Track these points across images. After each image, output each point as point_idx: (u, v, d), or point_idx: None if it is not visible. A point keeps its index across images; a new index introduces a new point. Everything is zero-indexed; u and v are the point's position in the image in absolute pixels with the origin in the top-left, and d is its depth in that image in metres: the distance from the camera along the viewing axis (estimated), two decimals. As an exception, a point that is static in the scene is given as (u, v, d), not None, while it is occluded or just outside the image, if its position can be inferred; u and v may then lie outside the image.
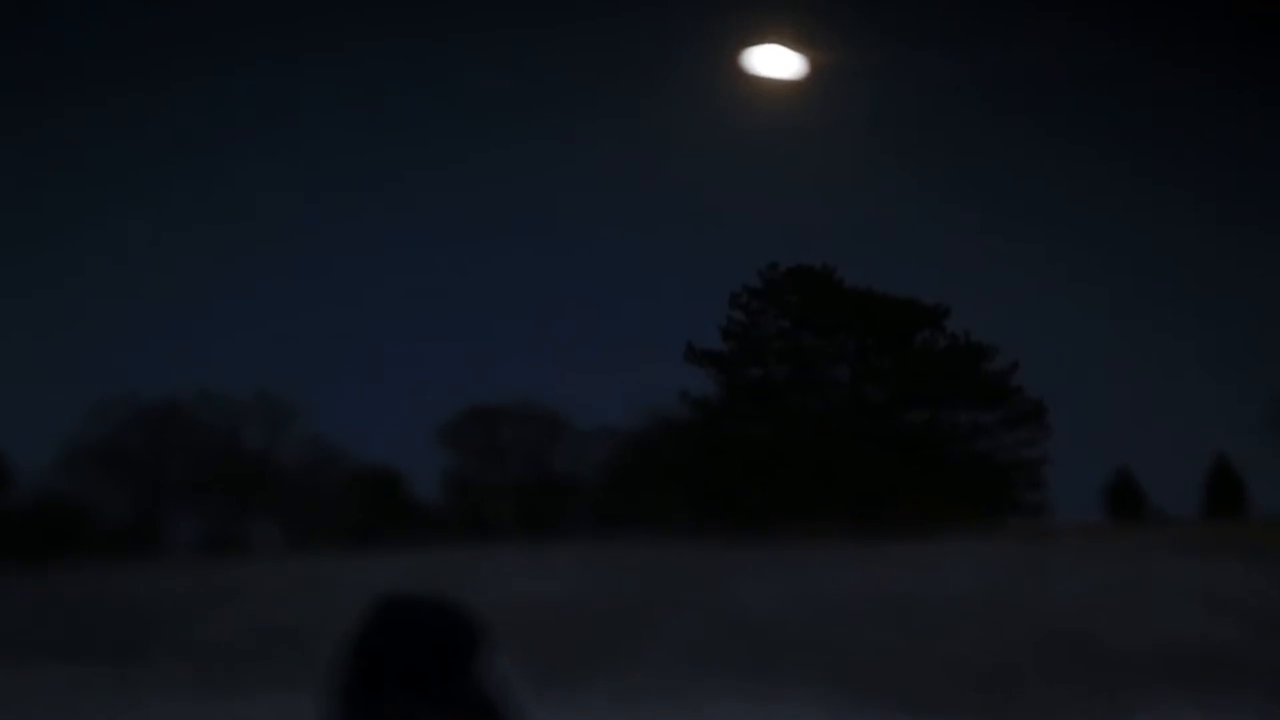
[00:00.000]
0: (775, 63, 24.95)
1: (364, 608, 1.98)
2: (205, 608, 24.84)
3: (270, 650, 21.90)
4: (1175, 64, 37.31)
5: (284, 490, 34.21)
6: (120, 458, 33.06)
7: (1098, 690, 18.57)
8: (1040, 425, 34.49)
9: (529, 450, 35.99)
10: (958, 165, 44.40)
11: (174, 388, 34.79)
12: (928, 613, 21.51)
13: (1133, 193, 42.29)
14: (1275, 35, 30.57)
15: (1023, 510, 34.70)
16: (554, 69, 45.24)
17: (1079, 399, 40.69)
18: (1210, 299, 40.82)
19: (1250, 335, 38.82)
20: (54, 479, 33.32)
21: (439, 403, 37.90)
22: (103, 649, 22.61)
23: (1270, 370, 35.74)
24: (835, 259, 36.11)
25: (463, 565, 23.87)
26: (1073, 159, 45.05)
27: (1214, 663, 18.84)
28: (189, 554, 31.66)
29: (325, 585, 23.47)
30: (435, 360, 46.23)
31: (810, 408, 34.82)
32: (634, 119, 41.50)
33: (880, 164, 40.51)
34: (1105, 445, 37.85)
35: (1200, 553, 23.88)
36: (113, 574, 27.28)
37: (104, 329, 43.54)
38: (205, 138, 48.55)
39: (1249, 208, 39.75)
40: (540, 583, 24.09)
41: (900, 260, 45.34)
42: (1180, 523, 30.92)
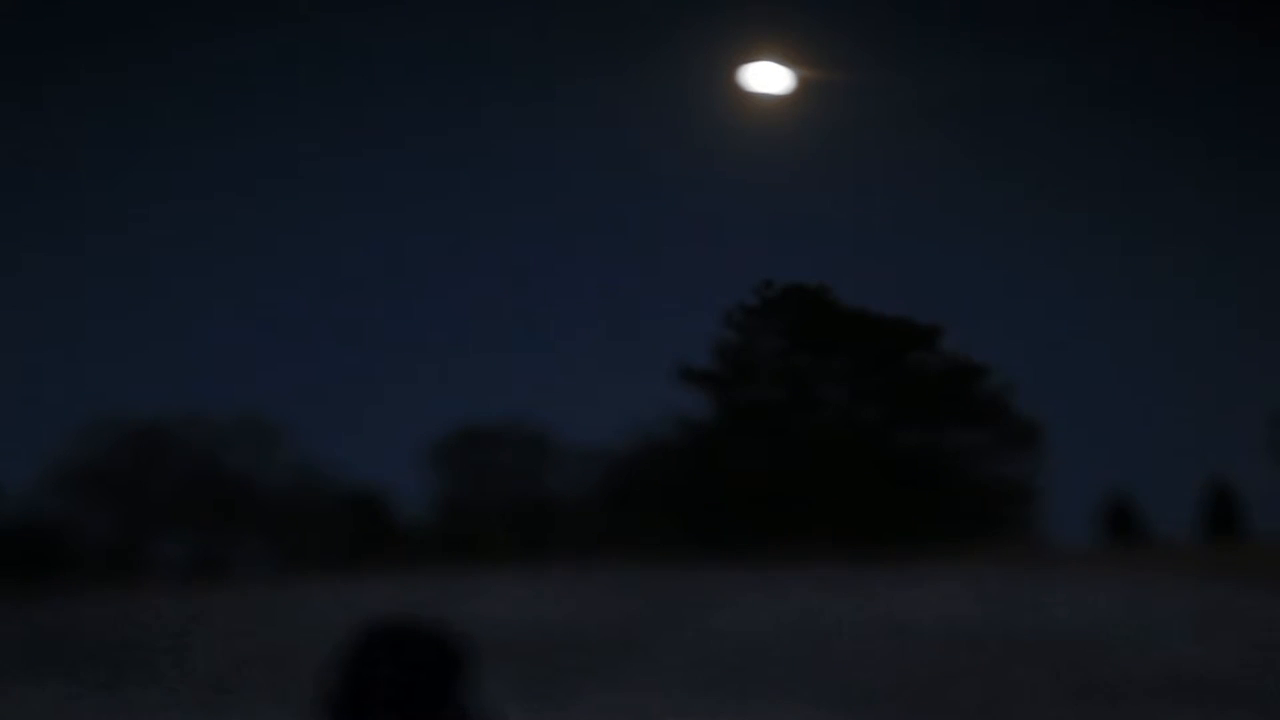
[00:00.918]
0: (768, 79, 24.89)
1: (351, 631, 1.99)
2: (191, 631, 24.59)
3: (256, 674, 21.70)
4: (1174, 78, 37.32)
5: (271, 512, 33.99)
6: (105, 480, 32.81)
7: (1095, 717, 18.40)
8: (1037, 447, 34.33)
9: (519, 472, 35.78)
10: (952, 182, 44.26)
11: (160, 408, 34.59)
12: (922, 637, 21.36)
13: (1131, 210, 42.21)
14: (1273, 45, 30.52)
15: (1018, 532, 34.53)
16: (541, 84, 45.12)
17: (1075, 420, 40.44)
18: (1210, 317, 40.68)
19: (1249, 355, 38.66)
20: (37, 501, 33.06)
21: (428, 424, 37.56)
22: (86, 672, 22.35)
23: (1269, 390, 35.56)
24: (828, 276, 35.97)
25: (451, 588, 23.71)
26: (1068, 175, 44.93)
27: (1214, 689, 18.68)
28: (175, 577, 31.44)
29: (312, 608, 23.27)
30: (423, 381, 45.89)
31: (804, 429, 34.64)
32: (627, 135, 41.37)
33: (875, 180, 40.42)
34: (1101, 466, 37.60)
35: (1199, 577, 23.76)
36: (96, 597, 27.05)
37: (87, 348, 43.20)
38: (183, 153, 48.21)
39: (1251, 223, 39.66)
40: (530, 605, 23.93)
41: (894, 278, 45.07)
42: (1178, 545, 30.80)
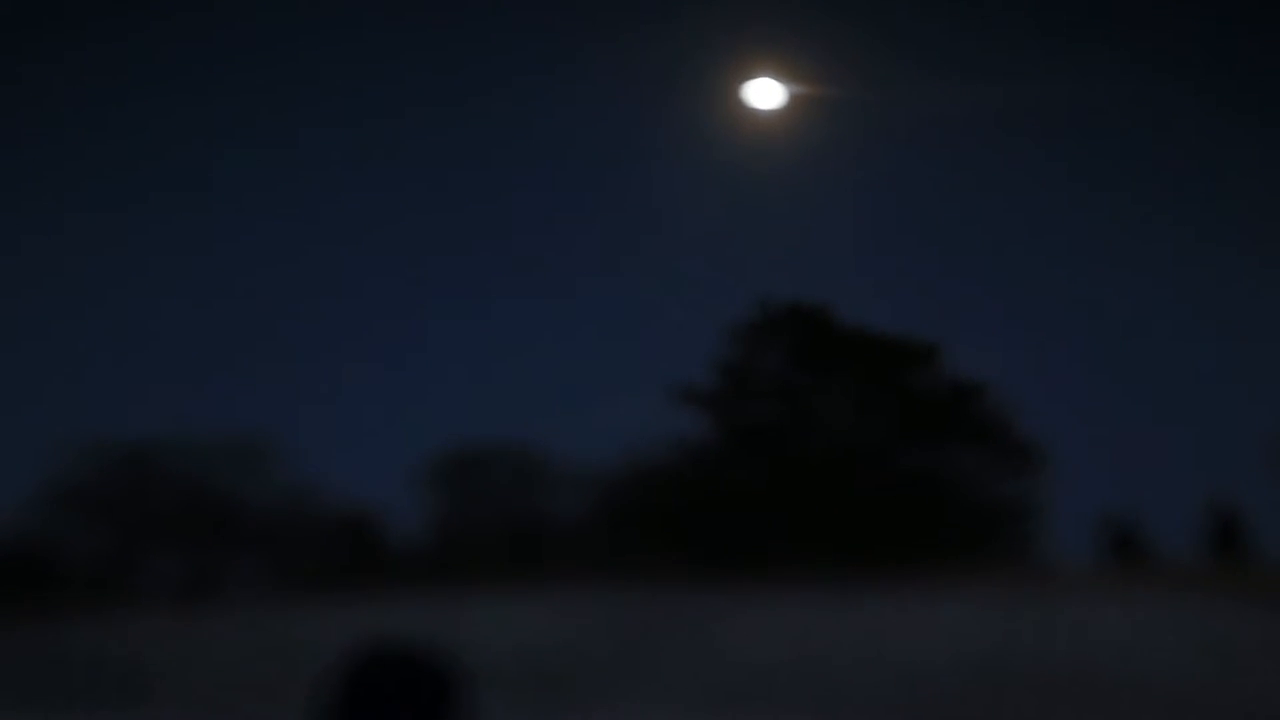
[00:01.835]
0: (765, 96, 24.81)
1: (344, 656, 1.97)
2: (180, 654, 24.46)
3: (248, 696, 21.60)
4: (1174, 94, 37.36)
5: (263, 534, 33.78)
6: (96, 501, 32.62)
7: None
8: (1037, 467, 34.08)
9: (513, 493, 35.55)
10: (952, 199, 44.31)
11: (151, 430, 34.42)
12: (921, 658, 21.19)
13: (1131, 227, 42.22)
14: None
15: (1019, 553, 34.27)
16: (538, 101, 45.11)
17: (1076, 439, 40.37)
18: (1211, 339, 40.64)
19: (1250, 374, 38.57)
20: (28, 523, 32.87)
21: (421, 444, 37.35)
22: (74, 696, 22.23)
23: (1271, 410, 35.43)
24: (825, 294, 35.85)
25: (445, 610, 23.61)
26: (1068, 191, 45.05)
27: (1216, 714, 18.48)
28: (166, 599, 31.19)
29: (304, 631, 23.17)
30: (417, 402, 45.74)
31: (803, 449, 34.39)
32: (620, 152, 41.32)
33: (871, 197, 40.38)
34: (1103, 487, 37.50)
35: (1203, 601, 23.53)
36: (87, 619, 26.92)
37: (78, 371, 43.07)
38: (173, 173, 48.23)
39: (1251, 241, 39.61)
40: (526, 627, 23.79)
41: (892, 293, 45.11)
42: (1181, 567, 30.53)
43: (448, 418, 43.07)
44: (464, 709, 1.96)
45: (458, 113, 45.96)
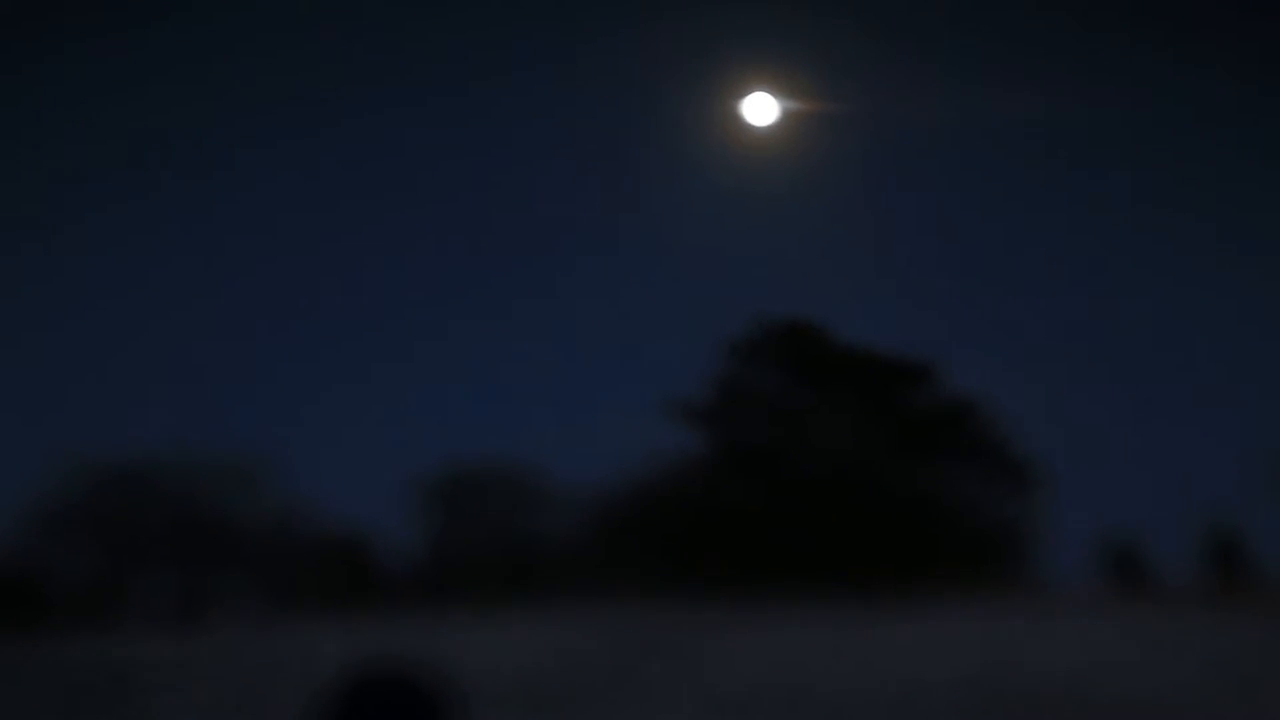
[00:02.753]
0: (761, 111, 24.76)
1: (336, 678, 1.97)
2: (171, 675, 24.29)
3: (240, 718, 21.42)
4: (1169, 114, 37.38)
5: (255, 554, 33.66)
6: (86, 521, 32.50)
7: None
8: (1036, 487, 34.03)
9: (507, 513, 35.43)
10: (948, 214, 44.27)
11: (143, 450, 34.31)
12: (919, 678, 21.05)
13: (1131, 242, 42.19)
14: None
15: (1015, 572, 34.17)
16: (533, 118, 45.06)
17: (1076, 459, 40.22)
18: (1211, 358, 40.58)
19: (1251, 392, 38.54)
20: (18, 543, 32.72)
21: (414, 465, 37.22)
22: (63, 716, 22.04)
23: (1271, 429, 35.34)
24: (821, 310, 35.76)
25: (438, 630, 23.56)
26: (1065, 206, 45.01)
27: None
28: (157, 619, 31.09)
29: (296, 651, 23.10)
30: (409, 420, 45.60)
31: (800, 469, 34.30)
32: (616, 168, 41.30)
33: (867, 212, 40.32)
34: (1103, 507, 37.38)
35: (1201, 616, 23.48)
36: (77, 639, 26.82)
37: (69, 390, 42.89)
38: (164, 192, 48.13)
39: (1252, 258, 39.63)
40: (518, 647, 23.68)
41: (890, 312, 45.03)
42: (1179, 584, 30.50)
43: (441, 436, 42.98)
44: None
45: (454, 127, 45.93)
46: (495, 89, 45.32)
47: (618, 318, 44.90)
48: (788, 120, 25.31)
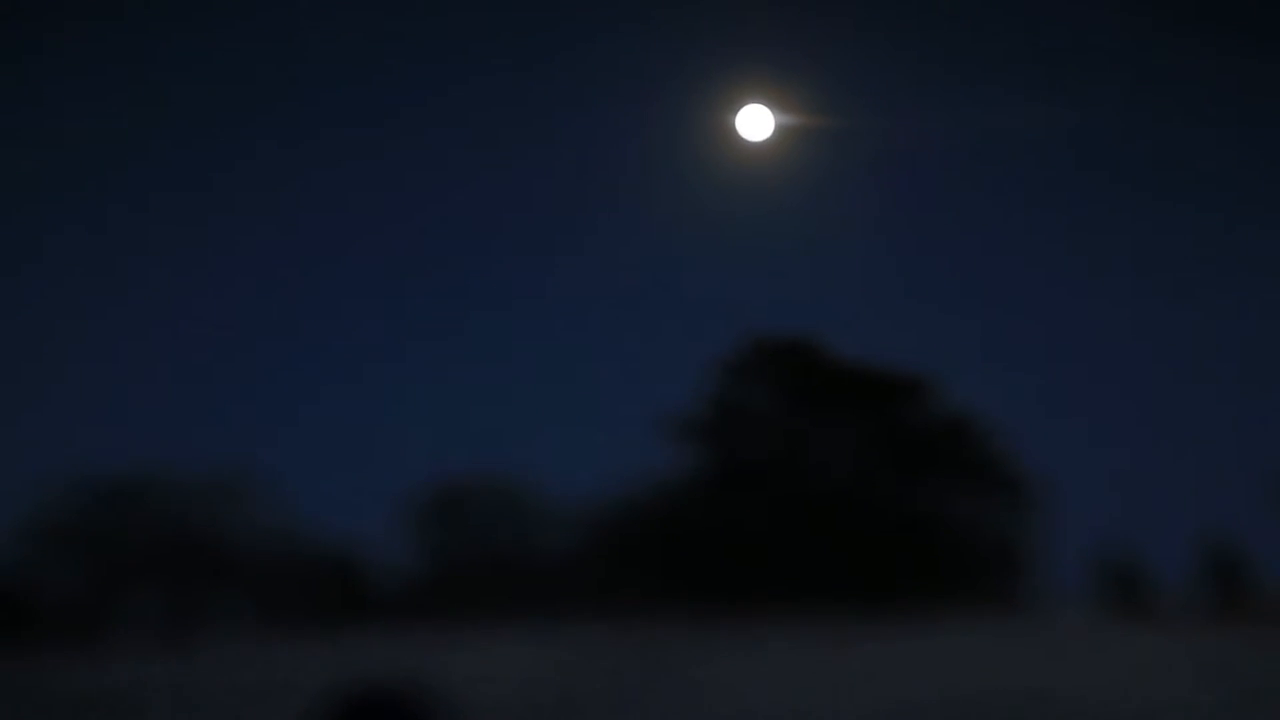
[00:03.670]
0: (756, 125, 24.69)
1: (326, 695, 1.98)
2: (161, 693, 24.13)
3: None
4: (1170, 123, 37.39)
5: (246, 570, 33.53)
6: (76, 537, 32.38)
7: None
8: (1034, 501, 33.96)
9: (500, 529, 35.33)
10: (945, 229, 44.22)
11: (134, 465, 34.18)
12: (915, 696, 20.93)
13: (1128, 257, 42.14)
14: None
15: (1014, 589, 34.11)
16: (522, 131, 44.98)
17: (1073, 473, 40.15)
18: (1210, 374, 40.54)
19: (1250, 408, 38.47)
20: (8, 558, 32.60)
21: (405, 479, 37.08)
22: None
23: (1271, 445, 35.30)
24: (817, 325, 35.64)
25: (432, 647, 23.47)
26: (1063, 221, 44.93)
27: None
28: (148, 636, 30.97)
29: (288, 668, 23.01)
30: (400, 434, 45.40)
31: (796, 486, 34.22)
32: (608, 182, 41.19)
33: (864, 226, 40.26)
34: (1100, 521, 37.29)
35: (1201, 633, 23.41)
36: (66, 655, 26.70)
37: (59, 405, 42.69)
38: (150, 206, 47.92)
39: (1250, 271, 39.59)
40: (511, 665, 23.58)
41: (886, 328, 44.94)
42: (1178, 600, 30.47)
43: (434, 452, 42.80)
44: None
45: (448, 143, 45.84)
46: (484, 101, 45.25)
47: (611, 333, 44.78)
48: (784, 134, 25.30)
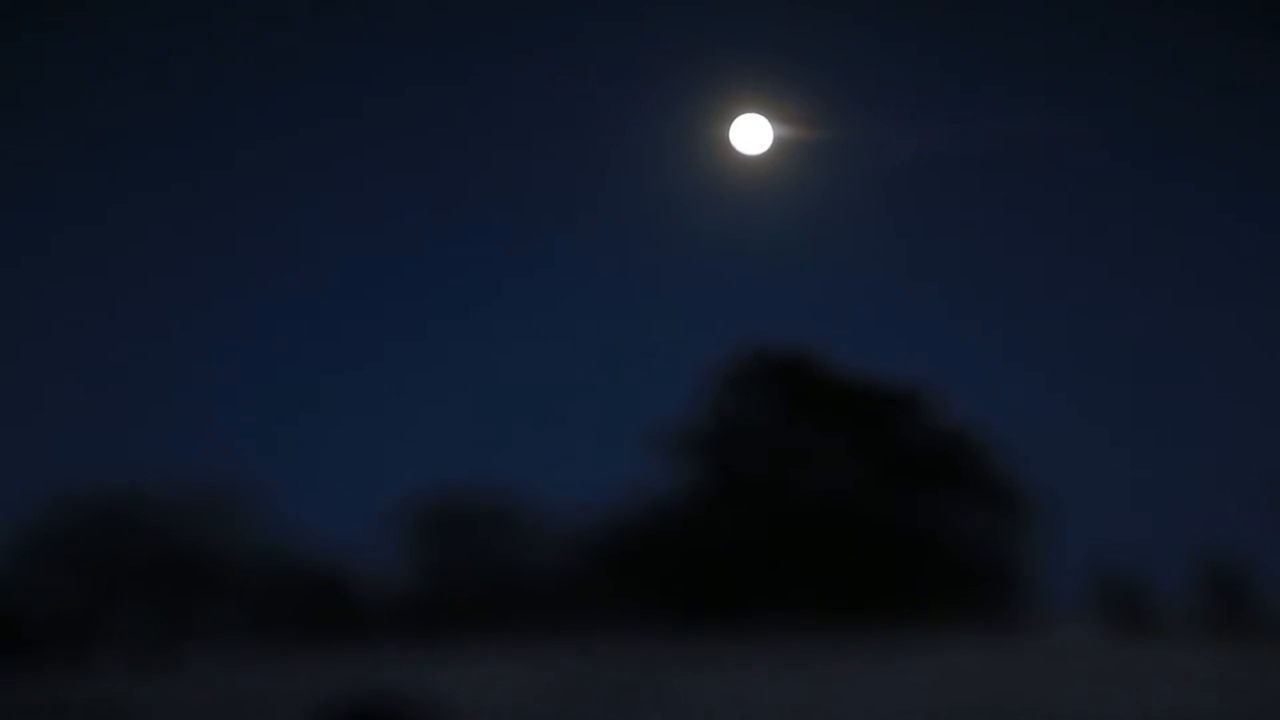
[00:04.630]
0: (752, 136, 24.66)
1: (320, 712, 3.84)
2: (151, 710, 24.11)
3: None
4: (1171, 136, 37.38)
5: (235, 588, 33.40)
6: (59, 555, 32.26)
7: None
8: (1035, 515, 33.73)
9: (494, 543, 35.19)
10: (943, 241, 44.12)
11: (118, 480, 34.10)
12: (915, 712, 20.88)
13: (1125, 267, 42.04)
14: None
15: (1014, 605, 33.92)
16: (515, 141, 44.99)
17: (1074, 486, 39.95)
18: (1210, 383, 40.38)
19: (1252, 418, 38.35)
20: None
21: (398, 492, 36.97)
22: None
23: (1273, 458, 35.15)
24: (814, 338, 35.46)
25: (423, 664, 23.48)
26: (1061, 232, 44.84)
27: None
28: (134, 656, 30.85)
29: (279, 687, 22.95)
30: (392, 447, 45.30)
31: (794, 499, 34.07)
32: (602, 193, 41.15)
33: (862, 239, 40.14)
34: (1100, 534, 37.12)
35: (1202, 648, 23.40)
36: (51, 674, 26.64)
37: (42, 418, 42.65)
38: (137, 213, 47.95)
39: (1247, 279, 39.51)
40: (506, 683, 23.50)
41: (884, 340, 44.81)
42: (1179, 615, 30.37)
43: (427, 467, 42.72)
44: None
45: (438, 155, 45.83)
46: (474, 113, 45.27)
47: (606, 347, 44.68)
48: (781, 146, 25.20)
